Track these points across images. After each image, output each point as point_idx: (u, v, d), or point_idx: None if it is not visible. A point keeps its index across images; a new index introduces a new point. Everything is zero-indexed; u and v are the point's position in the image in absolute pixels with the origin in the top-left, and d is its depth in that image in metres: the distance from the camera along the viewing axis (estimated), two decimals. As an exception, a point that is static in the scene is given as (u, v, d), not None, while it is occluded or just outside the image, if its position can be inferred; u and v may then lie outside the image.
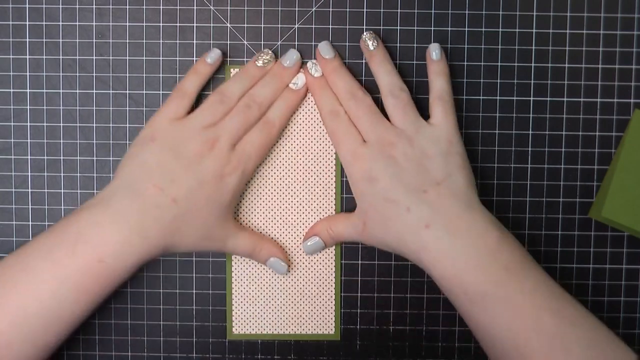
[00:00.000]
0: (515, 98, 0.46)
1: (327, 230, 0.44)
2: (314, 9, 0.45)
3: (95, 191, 0.46)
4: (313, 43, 0.45)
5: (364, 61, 0.45)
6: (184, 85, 0.43)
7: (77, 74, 0.46)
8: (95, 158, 0.46)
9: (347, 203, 0.46)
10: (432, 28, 0.45)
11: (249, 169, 0.42)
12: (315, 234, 0.45)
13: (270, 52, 0.44)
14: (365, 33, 0.44)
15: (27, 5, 0.45)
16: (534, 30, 0.45)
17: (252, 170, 0.43)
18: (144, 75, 0.46)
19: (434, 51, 0.44)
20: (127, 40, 0.45)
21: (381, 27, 0.45)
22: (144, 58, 0.46)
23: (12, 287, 0.37)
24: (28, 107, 0.46)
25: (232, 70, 0.45)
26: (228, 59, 0.45)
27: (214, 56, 0.44)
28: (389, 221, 0.41)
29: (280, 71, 0.44)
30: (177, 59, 0.45)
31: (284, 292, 0.46)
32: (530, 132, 0.46)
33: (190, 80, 0.43)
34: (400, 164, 0.41)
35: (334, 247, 0.46)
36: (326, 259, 0.46)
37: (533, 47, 0.45)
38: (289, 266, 0.45)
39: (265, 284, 0.46)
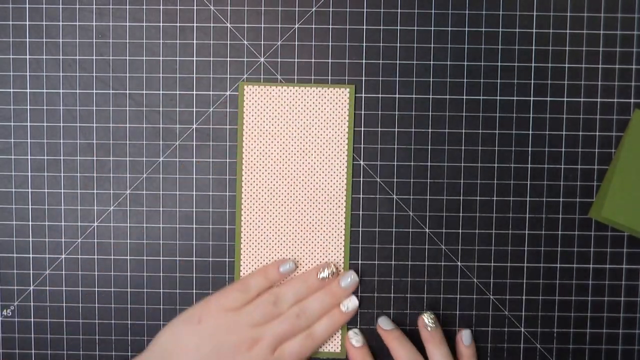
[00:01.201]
0: (515, 98, 0.46)
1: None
2: (314, 9, 0.45)
3: (95, 191, 0.46)
4: (313, 43, 0.45)
5: (364, 61, 0.45)
6: (249, 282, 0.44)
7: (77, 74, 0.46)
8: (95, 158, 0.46)
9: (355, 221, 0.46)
10: (432, 28, 0.45)
11: None
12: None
13: (333, 266, 0.45)
14: (426, 313, 0.45)
15: (27, 5, 0.45)
16: (534, 30, 0.45)
17: None
18: (144, 75, 0.46)
19: (465, 338, 0.46)
20: (127, 40, 0.45)
21: (381, 27, 0.45)
22: (144, 58, 0.46)
23: None
24: (28, 107, 0.46)
25: (245, 87, 0.45)
26: (228, 59, 0.45)
27: (287, 268, 0.45)
28: None
29: (336, 291, 0.45)
30: (177, 59, 0.45)
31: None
32: (530, 132, 0.46)
33: (256, 280, 0.44)
34: None
35: (342, 258, 0.46)
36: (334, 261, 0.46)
37: (533, 47, 0.45)
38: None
39: None
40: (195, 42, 0.45)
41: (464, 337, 0.45)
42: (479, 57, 0.45)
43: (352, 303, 0.45)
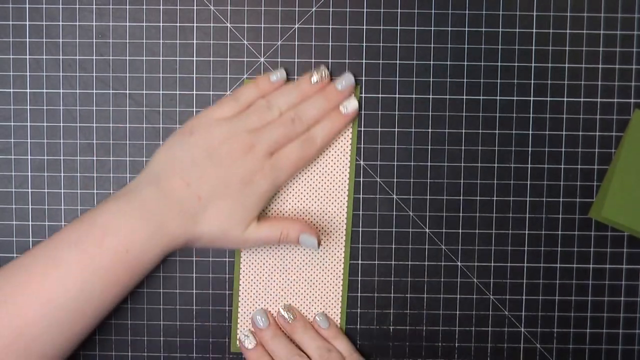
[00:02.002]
0: (515, 98, 0.46)
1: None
2: (314, 9, 0.45)
3: (95, 191, 0.46)
4: (313, 43, 0.45)
5: (364, 61, 0.45)
6: (241, 93, 0.43)
7: (77, 74, 0.46)
8: (95, 158, 0.46)
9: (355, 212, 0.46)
10: (432, 28, 0.45)
11: (280, 181, 0.42)
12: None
13: (325, 69, 0.44)
14: (281, 309, 0.46)
15: (27, 5, 0.45)
16: (534, 30, 0.45)
17: (283, 183, 0.43)
18: (144, 75, 0.46)
19: (321, 322, 0.46)
20: (127, 40, 0.45)
21: (381, 27, 0.45)
22: (144, 58, 0.46)
23: (41, 279, 0.37)
24: (28, 107, 0.46)
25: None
26: (228, 59, 0.45)
27: (279, 75, 0.44)
28: None
29: (332, 94, 0.44)
30: (177, 59, 0.45)
31: (289, 298, 0.46)
32: (530, 132, 0.46)
33: (248, 91, 0.43)
34: None
35: (342, 250, 0.46)
36: (334, 261, 0.46)
37: (533, 47, 0.45)
38: (319, 241, 0.44)
39: (272, 292, 0.46)
40: (195, 42, 0.45)
41: (319, 322, 0.46)
42: (479, 57, 0.45)
43: (351, 104, 0.44)
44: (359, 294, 0.46)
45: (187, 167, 0.40)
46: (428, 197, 0.46)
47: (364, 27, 0.45)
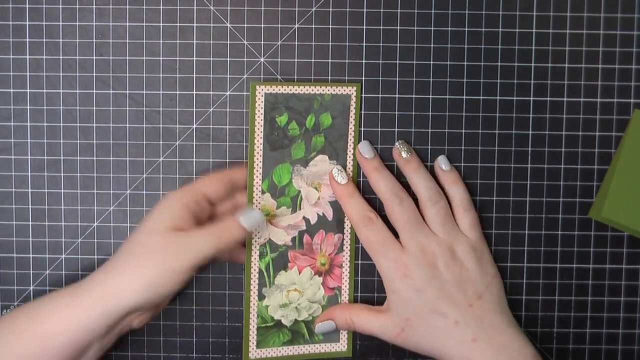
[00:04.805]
0: (515, 98, 0.46)
1: (346, 319, 0.44)
2: (314, 9, 0.45)
3: (95, 191, 0.46)
4: (313, 43, 0.45)
5: (364, 61, 0.45)
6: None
7: (77, 74, 0.46)
8: (95, 158, 0.46)
9: (347, 203, 0.46)
10: (432, 28, 0.45)
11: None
12: (331, 319, 0.45)
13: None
14: (398, 142, 0.45)
15: (27, 5, 0.45)
16: (534, 30, 0.45)
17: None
18: (144, 75, 0.46)
19: (443, 163, 0.45)
20: (127, 40, 0.45)
21: (381, 27, 0.45)
22: (144, 58, 0.46)
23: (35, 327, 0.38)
24: (28, 107, 0.46)
25: (257, 87, 0.44)
26: (228, 59, 0.45)
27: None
28: (435, 330, 0.41)
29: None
30: (177, 59, 0.45)
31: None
32: (530, 132, 0.46)
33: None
34: (444, 276, 0.42)
35: (348, 251, 0.46)
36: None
37: (533, 47, 0.45)
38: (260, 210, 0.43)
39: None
40: (195, 42, 0.45)
41: (440, 162, 0.45)
42: (479, 57, 0.45)
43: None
44: (359, 294, 0.46)
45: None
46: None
47: (364, 27, 0.45)
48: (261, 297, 0.46)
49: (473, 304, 0.41)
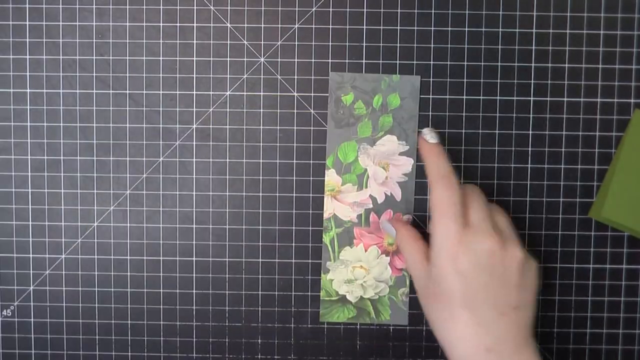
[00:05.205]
0: (515, 98, 0.46)
1: (401, 246, 0.42)
2: (314, 9, 0.45)
3: (95, 191, 0.46)
4: (313, 43, 0.45)
5: (364, 61, 0.45)
6: None
7: (77, 74, 0.46)
8: (95, 158, 0.46)
9: (347, 203, 0.46)
10: (432, 28, 0.45)
11: None
12: (395, 228, 0.43)
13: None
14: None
15: (27, 5, 0.45)
16: (534, 30, 0.45)
17: None
18: (144, 75, 0.46)
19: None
20: (127, 40, 0.45)
21: (381, 27, 0.45)
22: (144, 58, 0.46)
23: None
24: (28, 107, 0.46)
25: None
26: (228, 59, 0.45)
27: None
28: (455, 324, 0.38)
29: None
30: (177, 59, 0.45)
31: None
32: (530, 132, 0.46)
33: None
34: (497, 271, 0.38)
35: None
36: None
37: (533, 47, 0.45)
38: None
39: None
40: (195, 42, 0.45)
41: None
42: (479, 57, 0.45)
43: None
44: (359, 294, 0.46)
45: None
46: (428, 197, 0.46)
47: (364, 27, 0.45)
48: (325, 270, 0.46)
49: (506, 313, 0.38)
